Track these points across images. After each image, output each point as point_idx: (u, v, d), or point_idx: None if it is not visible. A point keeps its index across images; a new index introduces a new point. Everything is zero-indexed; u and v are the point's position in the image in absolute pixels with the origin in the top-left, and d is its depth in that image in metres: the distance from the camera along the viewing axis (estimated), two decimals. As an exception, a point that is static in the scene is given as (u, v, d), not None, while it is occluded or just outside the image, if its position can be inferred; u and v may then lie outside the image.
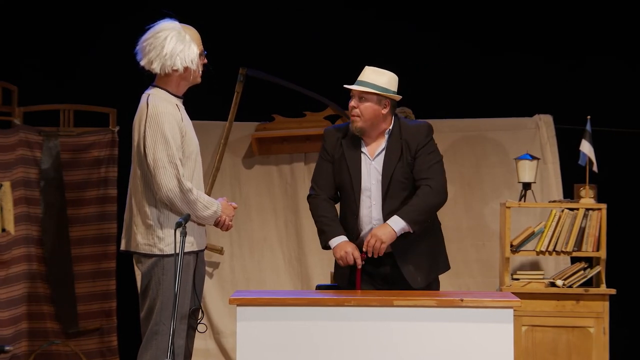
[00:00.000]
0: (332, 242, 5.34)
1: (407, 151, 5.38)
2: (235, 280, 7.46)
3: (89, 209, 7.21)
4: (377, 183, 5.38)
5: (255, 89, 7.34)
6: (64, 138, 7.21)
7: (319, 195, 5.44)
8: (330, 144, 5.48)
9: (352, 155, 5.41)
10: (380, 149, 5.40)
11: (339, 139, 5.46)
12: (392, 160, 5.37)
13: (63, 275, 7.13)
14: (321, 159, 5.50)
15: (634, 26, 7.29)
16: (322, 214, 5.40)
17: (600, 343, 6.73)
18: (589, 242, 6.82)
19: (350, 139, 5.44)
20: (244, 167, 7.54)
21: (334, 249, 5.32)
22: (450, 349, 4.61)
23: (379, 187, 5.37)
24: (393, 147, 5.39)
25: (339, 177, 5.44)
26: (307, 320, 4.65)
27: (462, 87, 7.39)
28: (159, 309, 4.87)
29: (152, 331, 4.88)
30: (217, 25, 7.31)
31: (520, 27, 7.36)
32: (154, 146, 4.84)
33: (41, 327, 7.10)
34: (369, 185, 5.39)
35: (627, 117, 7.23)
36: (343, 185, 5.43)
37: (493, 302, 4.65)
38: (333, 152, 5.46)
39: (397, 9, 7.46)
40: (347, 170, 5.40)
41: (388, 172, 5.36)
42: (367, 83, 5.40)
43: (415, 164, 5.37)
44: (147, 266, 4.91)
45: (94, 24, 7.39)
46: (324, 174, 5.47)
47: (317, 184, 5.47)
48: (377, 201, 5.38)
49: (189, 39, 4.99)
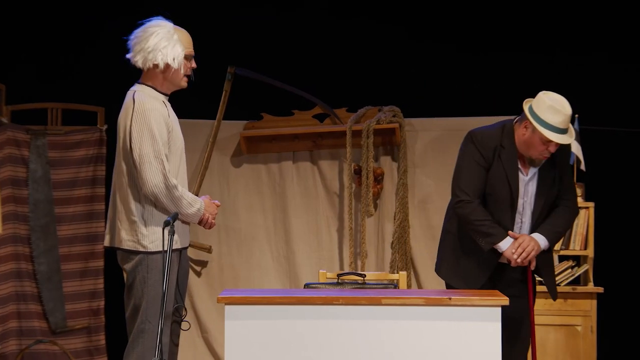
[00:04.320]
0: (504, 242, 5.33)
1: (557, 173, 5.42)
2: (224, 279, 7.46)
3: (77, 207, 7.20)
4: (529, 202, 5.40)
5: (243, 87, 7.34)
6: (52, 136, 7.20)
7: (472, 201, 5.37)
8: (487, 151, 5.38)
9: (511, 170, 5.36)
10: (534, 168, 5.40)
11: (496, 147, 5.37)
12: (546, 184, 5.40)
13: (51, 274, 7.12)
14: (475, 163, 5.38)
15: (622, 24, 7.31)
16: (483, 218, 5.34)
17: (588, 341, 6.75)
18: (576, 240, 6.83)
19: (508, 151, 5.37)
20: (232, 166, 7.53)
21: (508, 249, 5.31)
22: (438, 347, 4.61)
23: (530, 207, 5.41)
24: (547, 169, 5.40)
25: (491, 187, 5.39)
26: (295, 319, 4.65)
27: (449, 86, 7.39)
28: (145, 307, 4.87)
29: (138, 329, 4.87)
30: (205, 24, 7.30)
31: (506, 26, 7.36)
32: (140, 141, 4.84)
33: (29, 326, 7.08)
34: (522, 202, 5.40)
35: (614, 115, 7.25)
36: (497, 197, 5.38)
37: (481, 300, 4.66)
38: (490, 160, 5.38)
39: (384, 9, 7.46)
40: (508, 185, 5.36)
41: (542, 195, 5.40)
42: (566, 130, 5.29)
43: (562, 182, 5.44)
44: (131, 264, 4.91)
45: (82, 23, 7.37)
46: (478, 179, 5.38)
47: (469, 189, 5.37)
48: (527, 220, 5.42)
49: (177, 38, 4.99)
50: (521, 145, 5.38)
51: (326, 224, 7.47)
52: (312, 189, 7.48)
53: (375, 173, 7.32)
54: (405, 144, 7.33)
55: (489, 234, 5.34)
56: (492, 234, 5.34)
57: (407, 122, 7.35)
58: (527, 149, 5.36)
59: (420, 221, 7.38)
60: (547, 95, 5.31)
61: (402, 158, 7.34)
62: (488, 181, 5.39)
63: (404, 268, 7.25)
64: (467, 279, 5.44)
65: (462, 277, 5.46)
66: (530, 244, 5.31)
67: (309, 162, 7.51)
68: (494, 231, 5.34)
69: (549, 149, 5.30)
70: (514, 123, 5.42)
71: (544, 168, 5.42)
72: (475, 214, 5.36)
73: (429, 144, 7.37)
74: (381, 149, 7.44)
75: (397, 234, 7.28)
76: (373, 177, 7.30)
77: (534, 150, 5.34)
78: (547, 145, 5.30)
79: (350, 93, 7.43)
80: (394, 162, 7.43)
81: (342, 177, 7.43)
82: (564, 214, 5.44)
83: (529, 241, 5.31)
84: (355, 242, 7.35)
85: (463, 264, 5.48)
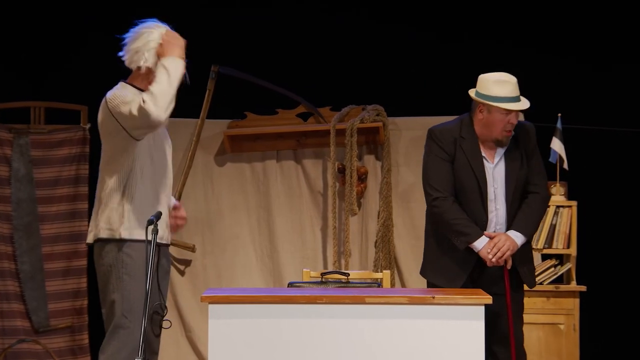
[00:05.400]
0: (479, 242, 5.34)
1: (524, 155, 5.42)
2: (207, 278, 7.45)
3: (60, 206, 7.18)
4: (500, 188, 5.40)
5: (227, 86, 7.33)
6: (35, 135, 7.18)
7: (446, 197, 5.38)
8: (447, 145, 5.41)
9: (475, 159, 5.38)
10: (500, 153, 5.41)
11: (455, 140, 5.40)
12: (514, 167, 5.40)
13: (34, 272, 7.10)
14: (438, 159, 5.42)
15: (602, 25, 7.33)
16: (458, 216, 5.35)
17: (570, 340, 6.77)
18: (559, 239, 6.86)
19: (466, 140, 5.39)
20: (216, 165, 7.53)
21: (483, 248, 5.32)
22: (422, 346, 4.62)
23: (502, 193, 5.39)
24: (513, 152, 5.41)
25: (459, 181, 5.40)
26: (279, 318, 4.65)
27: (432, 85, 7.41)
28: (120, 302, 4.85)
29: (114, 325, 4.86)
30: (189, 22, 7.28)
31: (489, 25, 7.38)
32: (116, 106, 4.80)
33: (12, 325, 7.06)
34: (492, 190, 5.39)
35: (597, 114, 7.27)
36: (465, 189, 5.39)
37: (464, 299, 4.67)
38: (452, 153, 5.40)
39: (368, 8, 7.47)
40: (474, 175, 5.37)
41: (512, 178, 5.40)
42: (519, 98, 5.35)
43: (529, 167, 5.42)
44: (106, 258, 4.88)
45: (66, 22, 7.35)
46: (446, 175, 5.40)
47: (440, 185, 5.39)
48: (501, 206, 5.41)
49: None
50: (483, 131, 5.40)
51: (310, 223, 7.48)
52: (296, 188, 7.49)
53: (359, 172, 7.33)
54: (388, 143, 7.34)
55: (464, 233, 5.35)
56: (467, 233, 5.35)
57: (390, 121, 7.36)
58: (489, 132, 5.38)
59: (404, 220, 7.39)
60: (487, 75, 5.40)
61: (385, 157, 7.35)
62: (454, 173, 5.41)
63: (388, 267, 7.25)
64: (449, 278, 5.45)
65: (444, 276, 5.48)
66: (506, 244, 5.32)
67: (292, 161, 7.51)
68: (469, 230, 5.35)
69: (511, 121, 5.33)
70: (471, 114, 5.46)
71: (509, 152, 5.42)
72: (449, 213, 5.38)
73: (412, 143, 7.38)
74: (365, 147, 7.45)
75: (381, 233, 7.29)
76: (357, 176, 7.31)
77: (496, 129, 5.35)
78: (509, 118, 5.33)
79: (334, 92, 7.43)
80: (378, 161, 7.44)
81: (326, 176, 7.43)
82: (535, 203, 5.43)
83: (504, 241, 5.32)
84: (339, 241, 7.35)
85: (444, 262, 5.49)
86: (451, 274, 5.45)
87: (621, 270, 7.31)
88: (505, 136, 5.39)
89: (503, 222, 5.45)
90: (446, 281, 5.44)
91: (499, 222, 5.45)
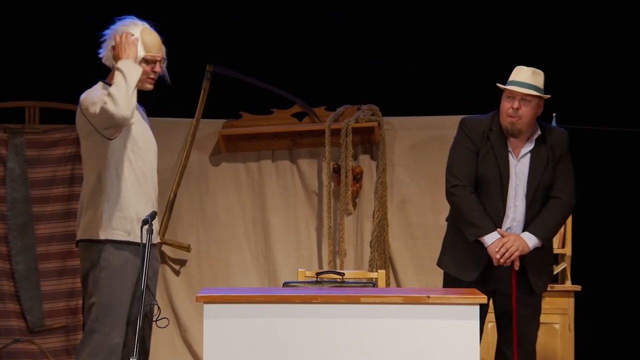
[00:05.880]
0: (489, 237, 5.32)
1: (552, 158, 5.39)
2: (202, 278, 7.44)
3: (55, 206, 7.18)
4: (522, 185, 5.37)
5: (222, 86, 7.33)
6: (30, 135, 7.18)
7: (466, 187, 5.37)
8: (475, 136, 5.40)
9: (500, 152, 5.36)
10: (525, 150, 5.39)
11: (485, 132, 5.39)
12: (539, 165, 5.37)
13: (29, 272, 7.09)
14: (464, 149, 5.41)
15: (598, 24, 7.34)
16: (473, 207, 5.34)
17: (565, 339, 6.77)
18: (554, 238, 6.85)
19: (497, 134, 5.38)
20: (211, 165, 7.52)
21: (493, 244, 5.30)
22: (417, 346, 4.62)
23: (523, 190, 5.37)
24: (540, 152, 5.38)
25: (483, 172, 5.38)
26: (274, 318, 4.65)
27: (427, 84, 7.41)
28: (96, 307, 4.85)
29: (89, 329, 4.87)
30: (184, 22, 7.29)
31: (484, 24, 7.38)
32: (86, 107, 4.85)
33: (6, 325, 7.06)
34: (514, 185, 5.37)
35: (593, 114, 7.28)
36: (488, 180, 5.37)
37: (459, 298, 4.67)
38: (479, 144, 5.39)
39: (363, 7, 7.47)
40: (496, 167, 5.35)
41: (535, 177, 5.36)
42: (530, 85, 5.34)
43: (555, 172, 5.39)
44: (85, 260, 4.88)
45: (60, 20, 7.34)
46: (469, 164, 5.39)
47: (461, 174, 5.39)
48: (521, 203, 5.38)
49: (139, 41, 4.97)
50: (500, 120, 5.41)
51: (305, 223, 7.47)
52: (291, 187, 7.48)
53: (354, 172, 7.33)
54: (384, 143, 7.34)
55: (476, 225, 5.33)
56: (479, 225, 5.33)
57: (385, 120, 7.36)
58: (502, 119, 5.39)
59: (399, 220, 7.39)
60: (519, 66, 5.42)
61: (381, 157, 7.34)
62: (478, 165, 5.39)
63: (383, 266, 7.25)
64: (461, 269, 5.44)
65: (457, 266, 5.46)
66: (515, 244, 5.29)
67: (288, 160, 7.51)
68: (481, 223, 5.33)
69: (513, 106, 5.32)
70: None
71: (536, 151, 5.40)
72: (465, 203, 5.36)
73: (407, 143, 7.39)
74: (360, 147, 7.45)
75: (376, 233, 7.29)
76: (352, 176, 7.31)
77: (503, 115, 5.37)
78: (511, 103, 5.33)
79: (329, 92, 7.43)
80: (373, 161, 7.43)
81: (321, 175, 7.43)
82: (554, 207, 5.40)
83: (513, 241, 5.30)
84: (334, 241, 7.35)
85: (457, 253, 5.47)
86: (464, 266, 5.43)
87: (616, 269, 7.31)
88: (510, 122, 5.35)
89: (521, 220, 5.41)
90: (458, 272, 5.43)
91: (516, 219, 5.41)
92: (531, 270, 5.42)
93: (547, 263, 5.56)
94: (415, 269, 7.31)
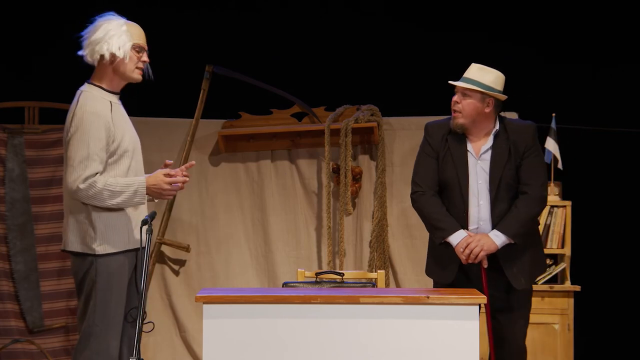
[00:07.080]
0: (454, 237, 5.33)
1: (515, 153, 5.36)
2: (202, 278, 7.44)
3: (54, 206, 7.17)
4: (484, 183, 5.37)
5: (221, 86, 7.33)
6: (29, 135, 7.18)
7: (425, 192, 5.40)
8: (435, 140, 5.43)
9: (458, 153, 5.38)
10: (485, 148, 5.39)
11: (444, 135, 5.41)
12: (499, 162, 5.35)
13: (28, 272, 7.09)
14: (425, 155, 5.45)
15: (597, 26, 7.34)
16: (434, 210, 5.36)
17: (565, 340, 6.77)
18: (554, 239, 6.86)
19: (455, 135, 5.40)
20: (210, 165, 7.52)
21: (458, 244, 5.31)
22: (417, 346, 4.62)
23: (486, 188, 5.36)
24: (500, 148, 5.37)
25: (443, 175, 5.40)
26: (273, 318, 4.65)
27: (427, 85, 7.40)
28: (92, 310, 4.83)
29: (86, 333, 4.84)
30: (183, 23, 7.30)
31: (484, 25, 7.38)
32: (73, 145, 4.78)
33: (6, 325, 7.06)
34: (476, 184, 5.37)
35: (591, 114, 7.28)
36: (448, 182, 5.39)
37: (459, 299, 4.67)
38: (438, 149, 5.41)
39: (362, 7, 7.47)
40: (454, 168, 5.37)
41: (496, 174, 5.35)
42: (471, 80, 5.37)
43: (521, 166, 5.36)
44: (81, 267, 4.86)
45: (60, 20, 7.34)
46: (429, 170, 5.43)
47: (422, 181, 5.43)
48: (485, 201, 5.37)
49: (125, 30, 4.93)
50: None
51: (304, 223, 7.48)
52: (291, 187, 7.48)
53: (354, 172, 7.33)
54: (383, 143, 7.34)
55: (440, 228, 5.37)
56: (443, 228, 5.35)
57: (385, 121, 7.36)
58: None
59: (399, 220, 7.39)
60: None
61: (380, 157, 7.34)
62: (439, 169, 5.42)
63: (382, 267, 7.26)
64: (440, 273, 5.46)
65: (438, 271, 5.48)
66: (479, 244, 5.29)
67: (287, 161, 7.51)
68: (444, 225, 5.35)
69: (454, 99, 5.41)
70: None
71: (497, 147, 5.38)
72: (428, 206, 5.40)
73: (407, 143, 7.39)
74: (359, 147, 7.45)
75: (376, 233, 7.29)
76: (351, 176, 7.31)
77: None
78: (454, 98, 5.43)
79: (329, 92, 7.43)
80: (372, 161, 7.44)
81: (321, 176, 7.43)
82: (522, 203, 5.34)
83: (477, 241, 5.29)
84: (334, 241, 7.35)
85: (436, 257, 5.49)
86: (441, 268, 5.45)
87: (615, 270, 7.32)
88: (453, 117, 5.41)
89: (487, 219, 5.40)
90: (438, 275, 5.45)
91: (482, 218, 5.40)
92: (507, 267, 5.38)
93: (531, 258, 5.44)
94: (414, 269, 7.31)
